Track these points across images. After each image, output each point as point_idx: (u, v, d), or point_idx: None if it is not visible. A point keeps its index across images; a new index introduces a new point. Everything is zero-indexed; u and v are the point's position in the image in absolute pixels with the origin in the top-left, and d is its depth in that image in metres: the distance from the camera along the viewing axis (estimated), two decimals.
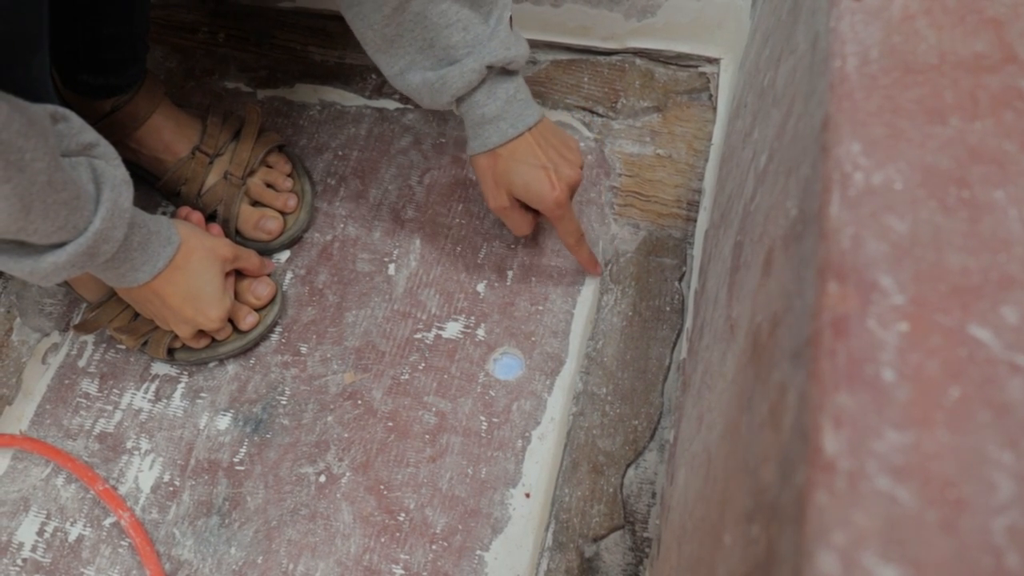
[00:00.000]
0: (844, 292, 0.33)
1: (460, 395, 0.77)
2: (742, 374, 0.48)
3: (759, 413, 0.42)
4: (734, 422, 0.47)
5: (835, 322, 0.33)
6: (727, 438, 0.48)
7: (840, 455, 0.29)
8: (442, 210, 0.88)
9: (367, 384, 0.78)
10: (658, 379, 0.78)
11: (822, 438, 0.30)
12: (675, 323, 0.81)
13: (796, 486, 0.32)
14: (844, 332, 0.32)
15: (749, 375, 0.46)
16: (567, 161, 0.74)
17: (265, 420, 0.76)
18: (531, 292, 0.83)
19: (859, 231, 0.35)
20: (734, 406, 0.49)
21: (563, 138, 0.76)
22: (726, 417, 0.50)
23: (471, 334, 0.81)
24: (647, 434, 0.75)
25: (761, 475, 0.38)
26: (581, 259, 0.80)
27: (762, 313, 0.47)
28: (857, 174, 0.37)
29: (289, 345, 0.80)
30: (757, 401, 0.43)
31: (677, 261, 0.85)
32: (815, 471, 0.30)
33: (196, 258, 0.72)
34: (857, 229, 0.35)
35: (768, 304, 0.46)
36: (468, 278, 0.84)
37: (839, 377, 0.31)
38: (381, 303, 0.82)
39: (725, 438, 0.49)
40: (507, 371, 0.79)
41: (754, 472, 0.40)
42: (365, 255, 0.85)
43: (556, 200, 0.72)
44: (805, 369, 0.34)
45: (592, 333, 0.81)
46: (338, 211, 0.88)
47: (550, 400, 0.77)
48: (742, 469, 0.42)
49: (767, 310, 0.45)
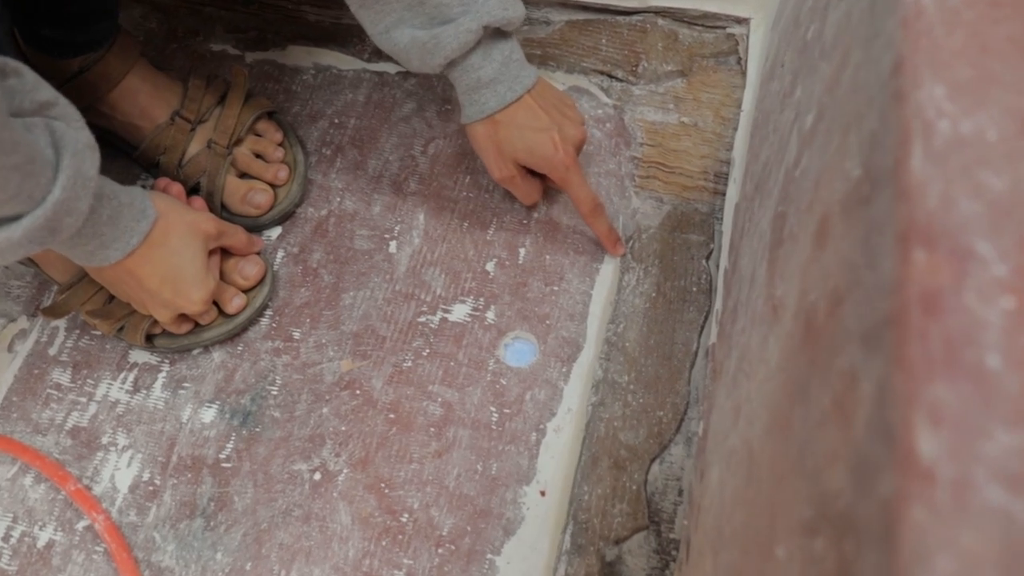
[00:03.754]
0: (934, 261, 0.29)
1: (468, 384, 0.73)
2: (792, 360, 0.44)
3: (819, 406, 0.37)
4: (783, 416, 0.43)
5: (924, 298, 0.28)
6: (774, 434, 0.44)
7: (939, 460, 0.25)
8: (448, 182, 0.83)
9: (366, 372, 0.74)
10: (684, 366, 0.74)
11: (915, 439, 0.26)
12: (703, 305, 0.76)
13: (880, 497, 0.27)
14: (936, 309, 0.28)
15: (802, 362, 0.42)
16: (569, 120, 0.73)
17: (254, 412, 0.72)
18: (545, 271, 0.78)
19: (948, 189, 0.30)
20: (782, 397, 0.44)
21: (560, 96, 0.75)
22: (772, 410, 0.46)
23: (480, 317, 0.76)
24: (673, 426, 0.71)
25: (825, 480, 0.34)
26: (600, 233, 0.76)
27: (816, 291, 0.42)
28: (942, 122, 0.32)
29: (280, 330, 0.76)
30: (815, 392, 0.38)
31: (704, 237, 0.80)
32: (908, 480, 0.25)
33: (175, 234, 0.68)
34: (946, 186, 0.30)
35: (824, 280, 0.41)
36: (476, 256, 0.79)
37: (933, 364, 0.27)
38: (381, 284, 0.78)
39: (771, 434, 0.44)
40: (519, 357, 0.75)
41: (815, 476, 0.35)
42: (364, 231, 0.80)
43: (563, 162, 0.70)
44: (884, 354, 0.30)
45: (612, 316, 0.76)
46: (334, 183, 0.83)
47: (567, 389, 0.73)
48: (797, 471, 0.38)
49: (823, 287, 0.41)
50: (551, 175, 0.72)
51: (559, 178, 0.72)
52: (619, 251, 0.78)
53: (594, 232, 0.77)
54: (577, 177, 0.72)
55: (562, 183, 0.72)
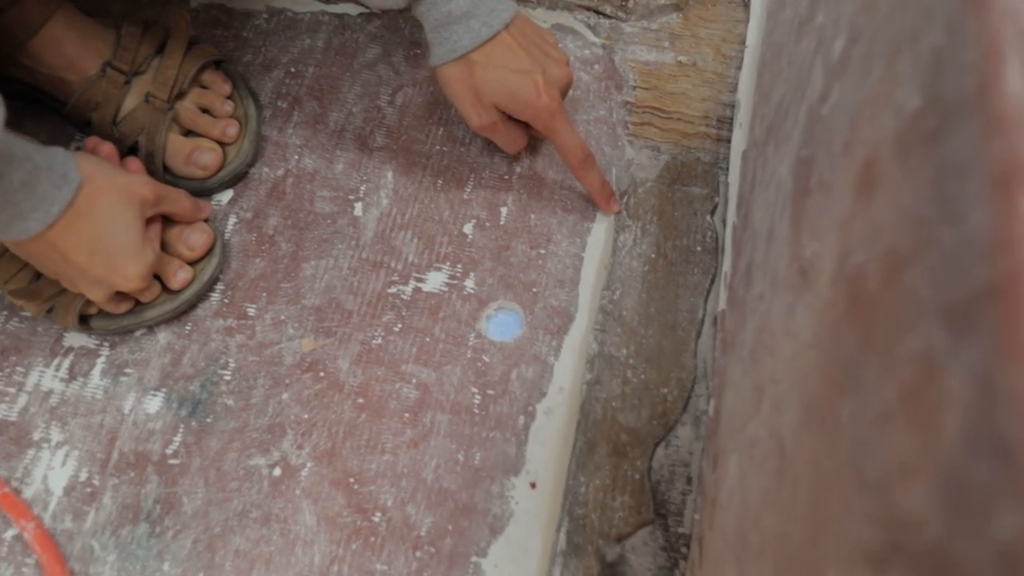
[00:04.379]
0: None
1: (446, 362, 0.65)
2: (832, 337, 0.36)
3: (877, 399, 0.29)
4: (824, 406, 0.35)
5: None
6: (813, 428, 0.36)
7: None
8: (418, 136, 0.75)
9: (331, 352, 0.66)
10: (690, 336, 0.66)
11: None
12: (708, 266, 0.69)
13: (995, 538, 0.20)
14: None
15: (848, 339, 0.34)
16: (553, 60, 0.65)
17: (205, 401, 0.64)
18: (530, 233, 0.70)
19: None
20: (821, 382, 0.36)
21: (541, 33, 0.67)
22: (807, 397, 0.38)
23: (458, 286, 0.68)
24: (679, 405, 0.63)
25: (898, 498, 0.26)
26: (590, 187, 0.68)
27: (864, 251, 0.34)
28: None
29: (233, 306, 0.68)
30: (871, 380, 0.30)
31: (708, 190, 0.72)
32: None
33: (104, 200, 0.59)
34: None
35: (875, 238, 0.33)
36: (453, 217, 0.71)
37: None
38: (346, 251, 0.69)
39: (809, 427, 0.37)
40: (503, 331, 0.67)
41: (880, 490, 0.28)
42: (325, 193, 0.72)
43: (547, 108, 0.63)
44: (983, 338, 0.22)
45: (607, 281, 0.68)
46: (291, 140, 0.75)
47: (557, 365, 0.65)
48: (852, 479, 0.30)
49: (874, 246, 0.33)
50: (534, 123, 0.64)
51: (543, 126, 0.64)
52: (613, 208, 0.70)
53: (584, 187, 0.69)
54: (563, 124, 0.64)
55: (547, 131, 0.64)
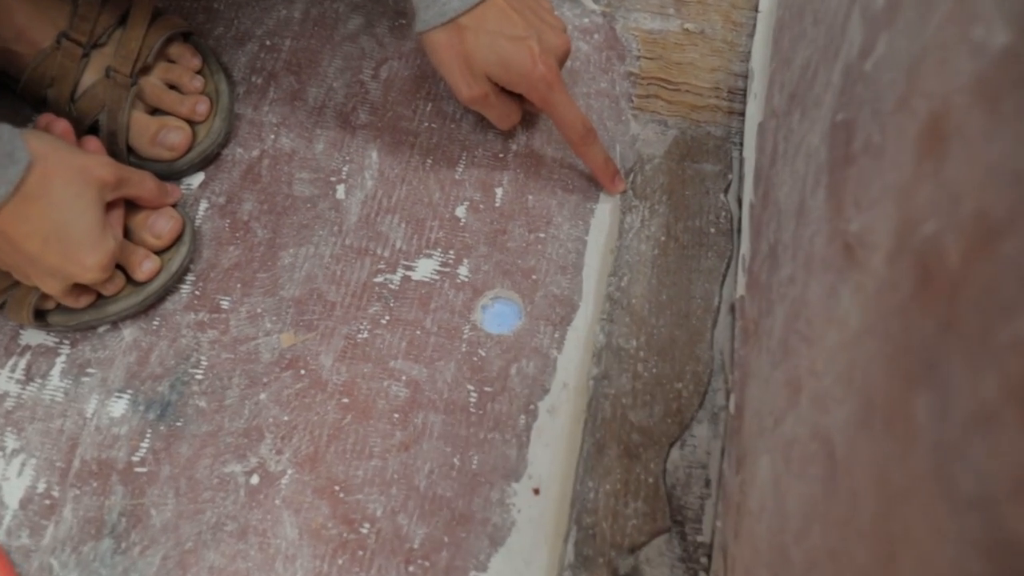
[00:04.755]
0: None
1: (439, 357, 0.60)
2: (896, 322, 0.31)
3: (971, 396, 0.24)
4: (893, 403, 0.30)
5: None
6: (876, 428, 0.31)
7: None
8: (405, 112, 0.69)
9: (312, 347, 0.60)
10: (705, 325, 0.61)
11: None
12: (723, 249, 0.63)
13: None
14: None
15: (920, 325, 0.29)
16: (549, 26, 0.60)
17: (175, 402, 0.59)
18: (528, 215, 0.65)
19: None
20: (882, 374, 0.31)
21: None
22: (863, 391, 0.33)
23: (450, 274, 0.63)
24: (695, 400, 0.58)
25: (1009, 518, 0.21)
26: (593, 165, 0.63)
27: (937, 219, 0.29)
28: None
29: (205, 299, 0.62)
30: (960, 372, 0.25)
31: (720, 167, 0.67)
32: None
33: (59, 183, 0.54)
34: None
35: (952, 204, 0.28)
36: (444, 199, 0.65)
37: None
38: (328, 238, 0.64)
39: (869, 428, 0.32)
40: (501, 322, 0.62)
41: (983, 507, 0.23)
42: (305, 175, 0.66)
43: (543, 77, 0.58)
44: None
45: (614, 267, 0.63)
46: (267, 118, 0.69)
47: (561, 359, 0.60)
48: (939, 494, 0.25)
49: (953, 213, 0.28)
50: (530, 94, 0.59)
51: (540, 98, 0.58)
52: (618, 187, 0.65)
53: (586, 164, 0.63)
54: (562, 96, 0.58)
55: (544, 104, 0.59)
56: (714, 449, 0.57)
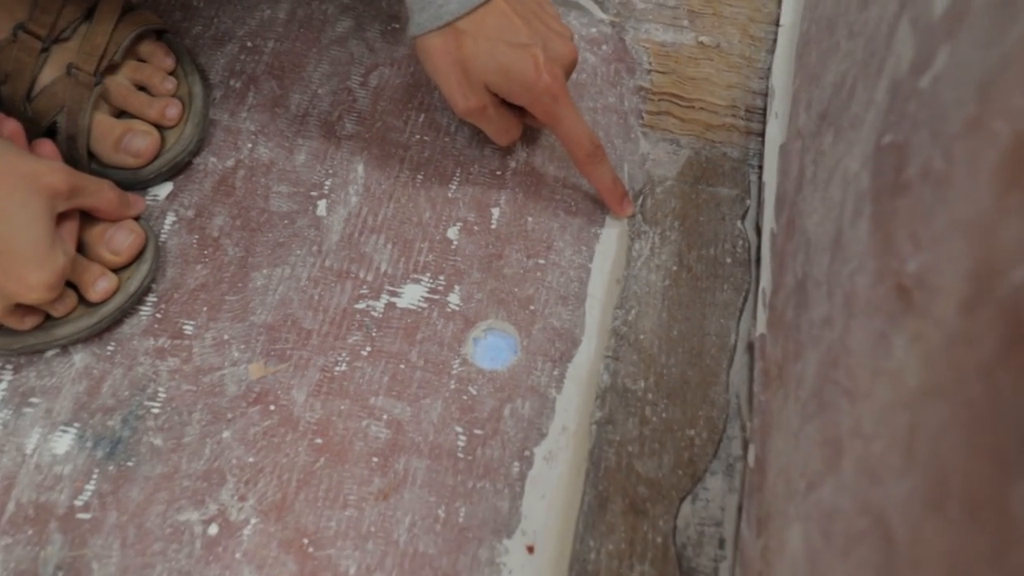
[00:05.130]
0: None
1: (424, 394, 0.54)
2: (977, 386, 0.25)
3: None
4: (979, 489, 0.24)
5: None
6: (952, 517, 0.25)
7: None
8: (396, 123, 0.64)
9: (284, 380, 0.54)
10: (720, 365, 0.55)
11: None
12: (740, 281, 0.58)
13: None
14: None
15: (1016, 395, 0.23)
16: (555, 33, 0.55)
17: (127, 439, 0.53)
18: (527, 239, 0.59)
19: None
20: (962, 450, 0.26)
21: (541, 2, 0.56)
22: (934, 468, 0.27)
23: (440, 302, 0.57)
24: (708, 449, 0.53)
25: None
26: (600, 185, 0.57)
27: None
28: None
29: (167, 323, 0.56)
30: None
31: (737, 191, 0.61)
32: None
33: (2, 190, 0.48)
34: None
35: None
36: (435, 219, 0.60)
37: None
38: (306, 258, 0.58)
39: (943, 514, 0.26)
40: (494, 357, 0.56)
41: None
42: (283, 188, 0.61)
43: (547, 88, 0.52)
44: None
45: (620, 299, 0.57)
46: (245, 125, 0.63)
47: (560, 400, 0.54)
48: None
49: None
50: (533, 107, 0.53)
51: (544, 111, 0.53)
52: (626, 210, 0.59)
53: (592, 185, 0.58)
54: (568, 109, 0.53)
55: (548, 118, 0.53)
56: (729, 504, 0.51)
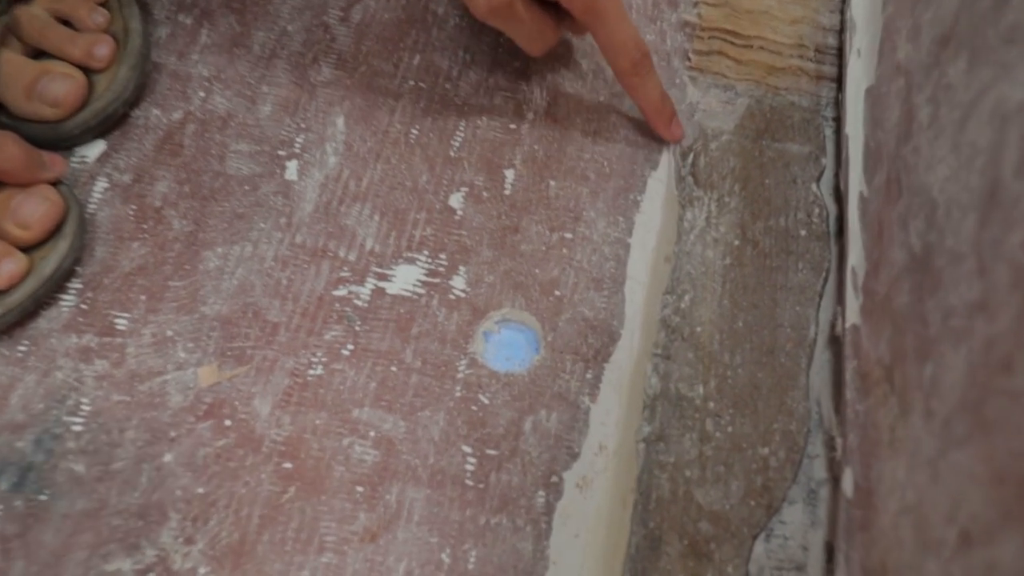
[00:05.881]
0: None
1: (422, 405, 0.43)
2: None
3: None
4: None
5: None
6: None
7: None
8: (384, 66, 0.52)
9: (244, 387, 0.43)
10: (798, 364, 0.44)
11: None
12: (819, 258, 0.46)
13: None
14: None
15: None
16: None
17: (40, 466, 0.41)
18: (549, 207, 0.48)
19: None
20: None
21: None
22: None
23: (441, 287, 0.45)
24: (786, 472, 0.41)
25: None
26: (646, 104, 0.48)
27: None
28: None
29: (94, 316, 0.44)
30: None
31: (810, 148, 0.50)
32: None
33: None
34: None
35: None
36: (434, 184, 0.48)
37: None
38: (272, 233, 0.47)
39: None
40: (510, 356, 0.44)
41: None
42: (243, 147, 0.49)
43: None
44: None
45: (671, 282, 0.46)
46: (196, 70, 0.52)
47: (596, 411, 0.43)
48: None
49: None
50: (570, 2, 0.42)
51: (582, 5, 0.42)
52: (675, 133, 0.50)
53: (636, 101, 0.48)
54: (611, 4, 0.43)
55: (587, 14, 0.44)
56: (813, 543, 0.40)
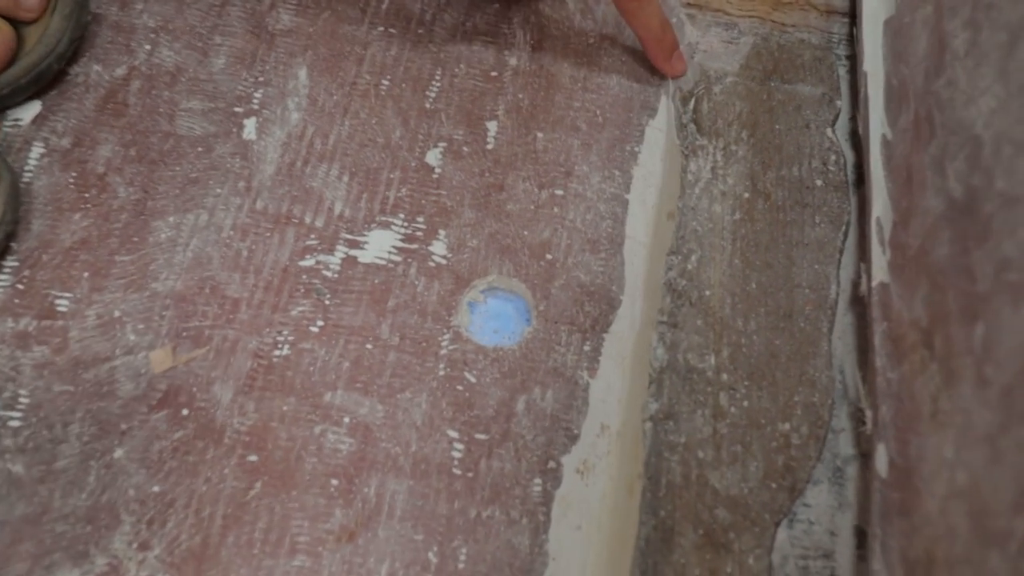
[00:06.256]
0: None
1: (403, 386, 0.38)
2: None
3: None
4: None
5: None
6: None
7: None
8: (350, 11, 0.47)
9: (202, 372, 0.38)
10: (819, 329, 0.39)
11: None
12: (838, 210, 0.42)
13: None
14: None
15: None
16: None
17: None
18: (537, 162, 0.43)
19: None
20: None
21: None
22: None
23: (420, 253, 0.41)
24: (811, 450, 0.37)
25: None
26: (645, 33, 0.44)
27: None
28: None
29: (32, 296, 0.40)
30: None
31: (823, 89, 0.45)
32: None
33: None
34: None
35: None
36: (408, 140, 0.43)
37: None
38: (230, 199, 0.42)
39: None
40: (499, 328, 0.40)
41: None
42: (195, 104, 0.44)
43: None
44: None
45: (676, 241, 0.41)
46: (141, 20, 0.46)
47: (596, 387, 0.38)
48: None
49: None
50: None
51: None
52: (677, 67, 0.45)
53: (634, 30, 0.44)
54: None
55: None
56: (842, 526, 0.36)
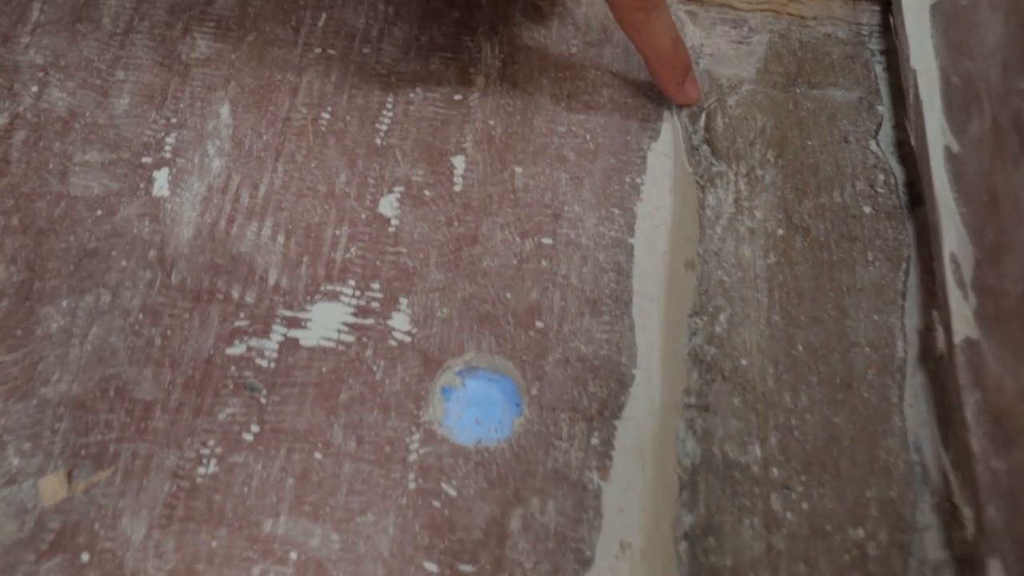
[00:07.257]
0: None
1: (363, 506, 0.30)
2: None
3: None
4: None
5: None
6: None
7: None
8: (280, 32, 0.39)
9: (107, 502, 0.30)
10: (888, 399, 0.31)
11: None
12: (894, 243, 0.34)
13: None
14: None
15: None
16: None
17: None
18: (517, 204, 0.35)
19: None
20: None
21: None
22: None
23: (376, 330, 0.33)
24: (893, 561, 0.29)
25: None
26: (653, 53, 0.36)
27: None
28: None
29: None
30: None
31: (860, 92, 0.37)
32: None
33: None
34: None
35: None
36: (356, 186, 0.35)
37: None
38: (137, 273, 0.34)
39: None
40: (481, 418, 0.32)
41: None
42: (93, 155, 0.36)
43: None
44: None
45: (700, 296, 0.33)
46: (26, 56, 0.38)
47: (609, 493, 0.30)
48: None
49: None
50: None
51: None
52: (690, 94, 0.36)
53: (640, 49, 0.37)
54: None
55: None
56: None
